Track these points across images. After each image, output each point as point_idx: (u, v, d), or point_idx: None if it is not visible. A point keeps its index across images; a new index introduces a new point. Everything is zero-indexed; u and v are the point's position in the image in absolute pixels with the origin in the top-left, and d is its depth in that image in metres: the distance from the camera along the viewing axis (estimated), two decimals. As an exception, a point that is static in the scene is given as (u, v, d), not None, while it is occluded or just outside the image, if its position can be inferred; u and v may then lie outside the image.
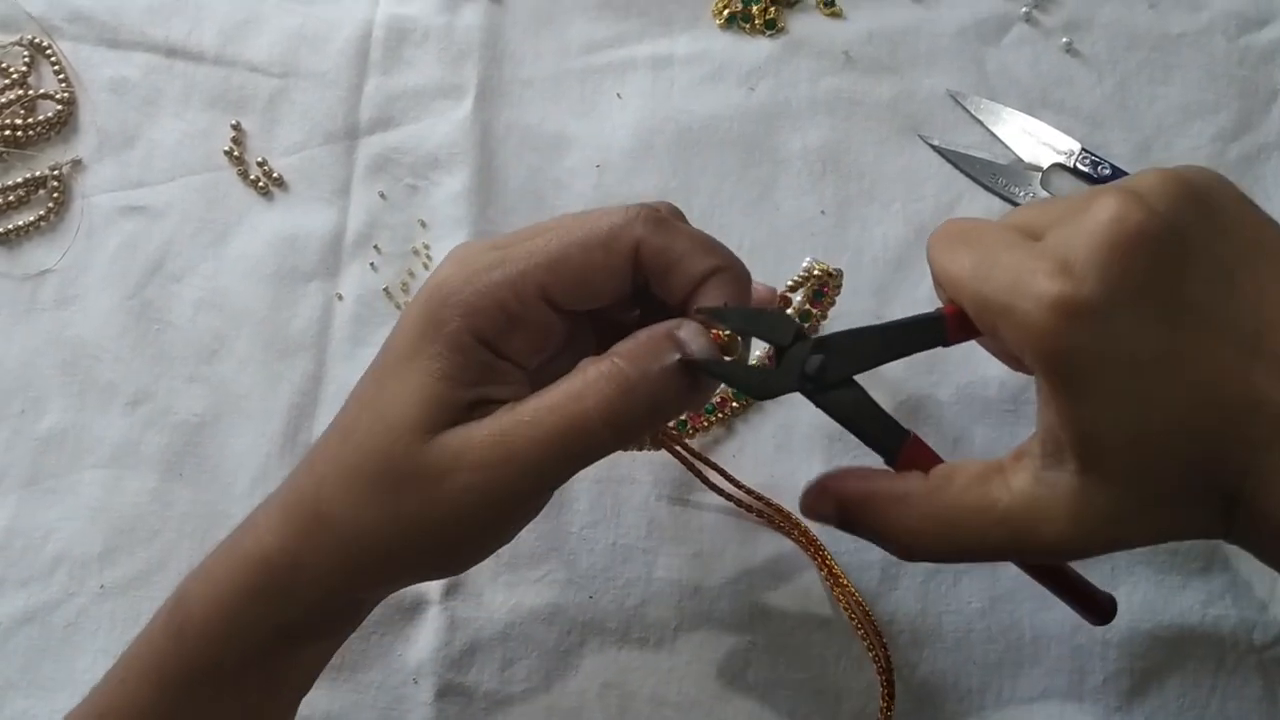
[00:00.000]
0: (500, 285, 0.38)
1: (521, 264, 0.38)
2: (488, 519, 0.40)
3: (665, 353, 0.38)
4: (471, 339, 0.38)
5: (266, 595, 0.40)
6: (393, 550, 0.40)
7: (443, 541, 0.40)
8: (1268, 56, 0.67)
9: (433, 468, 0.38)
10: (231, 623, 0.41)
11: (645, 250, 0.38)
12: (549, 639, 0.56)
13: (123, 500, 0.57)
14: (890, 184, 0.64)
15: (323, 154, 0.64)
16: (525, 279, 0.38)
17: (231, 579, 0.41)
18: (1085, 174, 0.64)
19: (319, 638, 0.43)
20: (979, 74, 0.66)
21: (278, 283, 0.61)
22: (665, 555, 0.57)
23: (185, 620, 0.41)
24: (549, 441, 0.37)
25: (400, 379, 0.39)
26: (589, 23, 0.67)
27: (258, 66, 0.65)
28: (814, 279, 0.55)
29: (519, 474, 0.38)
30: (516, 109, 0.65)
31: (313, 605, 0.41)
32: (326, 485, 0.40)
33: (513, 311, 0.38)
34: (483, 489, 0.38)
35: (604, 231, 0.38)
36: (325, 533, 0.40)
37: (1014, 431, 0.59)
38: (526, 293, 0.38)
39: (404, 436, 0.38)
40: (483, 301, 0.38)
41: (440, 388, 0.38)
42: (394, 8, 0.66)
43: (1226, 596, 0.57)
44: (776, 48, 0.66)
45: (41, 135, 0.63)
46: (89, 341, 0.60)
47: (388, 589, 0.45)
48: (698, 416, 0.58)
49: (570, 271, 0.38)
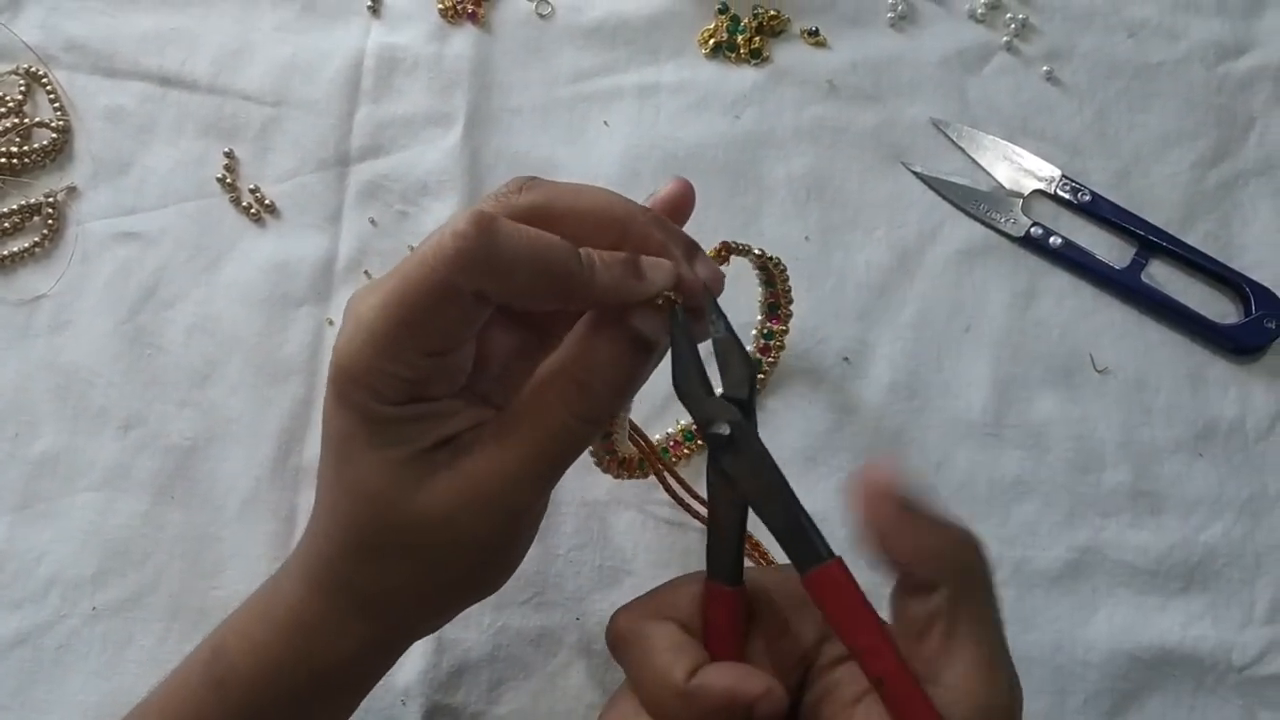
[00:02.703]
0: (380, 357, 0.37)
1: (386, 332, 0.36)
2: (501, 542, 0.41)
3: (619, 331, 0.38)
4: (390, 408, 0.38)
5: (308, 655, 0.42)
6: (423, 600, 0.42)
7: (467, 577, 0.41)
8: (1245, 85, 0.68)
9: (436, 516, 0.38)
10: (272, 678, 0.42)
11: (482, 290, 0.36)
12: (536, 661, 0.56)
13: (115, 523, 0.58)
14: (874, 211, 0.65)
15: (314, 181, 0.64)
16: (398, 347, 0.36)
17: (272, 639, 0.42)
18: (1066, 200, 0.65)
19: (356, 687, 0.45)
20: (961, 102, 0.67)
21: (269, 308, 0.62)
22: (651, 578, 0.57)
23: (227, 672, 0.42)
24: (538, 451, 0.38)
25: (353, 463, 0.39)
26: (576, 52, 0.68)
27: (251, 95, 0.66)
28: (756, 258, 0.54)
29: (519, 489, 0.39)
30: (505, 136, 0.66)
31: (349, 660, 0.42)
32: (338, 561, 0.41)
33: (406, 375, 0.37)
34: (488, 516, 0.39)
35: (428, 278, 0.35)
36: (351, 599, 0.41)
37: (996, 455, 0.60)
38: (402, 357, 0.37)
39: (391, 506, 0.38)
40: (370, 377, 0.37)
41: (390, 455, 0.38)
42: (385, 37, 0.67)
43: (1206, 617, 0.58)
44: (761, 77, 0.67)
45: (37, 163, 0.64)
46: (82, 366, 0.60)
47: (421, 632, 0.46)
48: (679, 445, 0.59)
49: (431, 331, 0.37)
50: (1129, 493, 0.60)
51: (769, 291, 0.58)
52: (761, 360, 0.60)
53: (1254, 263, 0.65)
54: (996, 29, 0.69)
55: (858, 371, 0.61)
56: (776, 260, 0.55)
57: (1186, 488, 0.60)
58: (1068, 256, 0.64)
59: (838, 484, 0.59)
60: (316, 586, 0.41)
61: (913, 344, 0.62)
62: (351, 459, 0.39)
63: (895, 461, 0.59)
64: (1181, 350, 0.63)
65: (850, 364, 0.61)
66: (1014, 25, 0.68)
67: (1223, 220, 0.66)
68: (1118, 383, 0.62)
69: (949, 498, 0.59)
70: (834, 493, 0.59)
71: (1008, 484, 0.60)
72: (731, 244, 0.52)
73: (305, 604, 0.42)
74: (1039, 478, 0.60)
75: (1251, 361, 0.63)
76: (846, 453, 0.60)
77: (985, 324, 0.63)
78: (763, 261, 0.55)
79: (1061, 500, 0.60)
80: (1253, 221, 0.66)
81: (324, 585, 0.41)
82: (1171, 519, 0.60)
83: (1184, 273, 0.65)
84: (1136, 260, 0.64)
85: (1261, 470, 0.61)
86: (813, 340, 0.62)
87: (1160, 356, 0.63)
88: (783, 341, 0.59)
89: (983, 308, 0.63)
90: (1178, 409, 0.62)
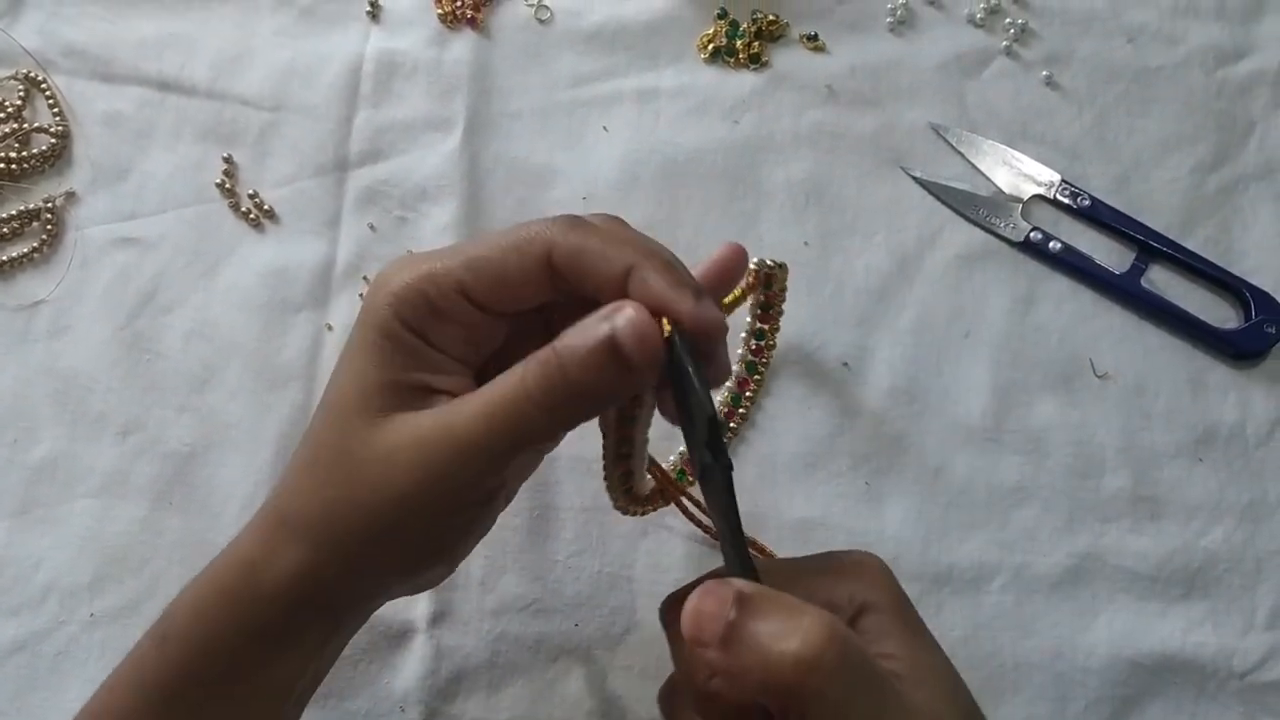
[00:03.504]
0: (423, 278, 0.39)
1: (443, 262, 0.40)
2: (434, 498, 0.40)
3: (595, 333, 0.37)
4: (400, 325, 0.39)
5: (239, 600, 0.41)
6: (340, 537, 0.40)
7: (385, 528, 0.40)
8: (1244, 89, 0.68)
9: (382, 447, 0.39)
10: (208, 629, 0.42)
11: (558, 253, 0.39)
12: (535, 666, 0.56)
13: (113, 529, 0.58)
14: (873, 216, 0.65)
15: (313, 186, 0.64)
16: (445, 275, 0.39)
17: (207, 584, 0.42)
18: (1065, 205, 0.65)
19: (291, 641, 0.43)
20: (960, 107, 0.67)
21: (268, 313, 0.62)
22: (650, 583, 0.57)
23: (169, 628, 0.42)
24: (488, 419, 0.38)
25: (342, 367, 0.41)
26: (576, 57, 0.68)
27: (249, 100, 0.66)
28: (762, 275, 0.55)
29: (458, 450, 0.39)
30: (504, 141, 0.66)
31: (277, 602, 0.41)
32: (288, 481, 0.42)
33: (436, 304, 0.39)
34: (425, 465, 0.39)
35: (519, 237, 0.39)
36: (285, 528, 0.41)
37: (996, 460, 0.60)
38: (446, 287, 0.39)
39: (352, 421, 0.40)
40: (407, 292, 0.39)
41: (376, 372, 0.40)
42: (384, 42, 0.67)
43: (1206, 624, 0.58)
44: (760, 82, 0.67)
45: (36, 168, 0.64)
46: (81, 372, 0.60)
47: (355, 590, 0.44)
48: (691, 462, 0.58)
49: (486, 272, 0.39)
50: (1129, 498, 0.60)
51: (764, 293, 0.58)
52: (755, 362, 0.60)
53: (1254, 267, 0.65)
54: (995, 34, 0.69)
55: (857, 376, 0.61)
56: (782, 264, 0.56)
57: (1187, 493, 0.60)
58: (1067, 261, 0.64)
59: (837, 490, 0.59)
60: (263, 521, 0.42)
61: (912, 349, 0.62)
62: (343, 365, 0.41)
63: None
64: (1181, 355, 0.63)
65: (850, 369, 0.61)
66: (1013, 30, 0.68)
67: (1222, 225, 0.66)
68: (1117, 388, 0.62)
69: (949, 503, 0.59)
70: (833, 498, 0.59)
71: (1007, 489, 0.60)
72: (760, 263, 0.53)
73: (250, 540, 0.42)
74: (1039, 483, 0.60)
75: (1251, 367, 0.63)
76: (846, 458, 0.60)
77: (985, 329, 0.63)
78: (771, 272, 0.55)
79: (1061, 505, 0.60)
80: (1252, 226, 0.66)
81: (267, 517, 0.42)
82: (1172, 524, 0.59)
83: (1184, 278, 0.65)
84: (1136, 265, 0.64)
85: (1261, 476, 0.61)
86: (812, 345, 0.62)
87: (1160, 361, 0.63)
88: (774, 340, 0.59)
89: (982, 313, 0.63)
90: (1178, 414, 0.62)
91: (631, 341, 0.36)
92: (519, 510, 0.58)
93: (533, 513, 0.58)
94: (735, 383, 0.60)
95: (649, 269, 0.38)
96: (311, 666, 0.44)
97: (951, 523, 0.59)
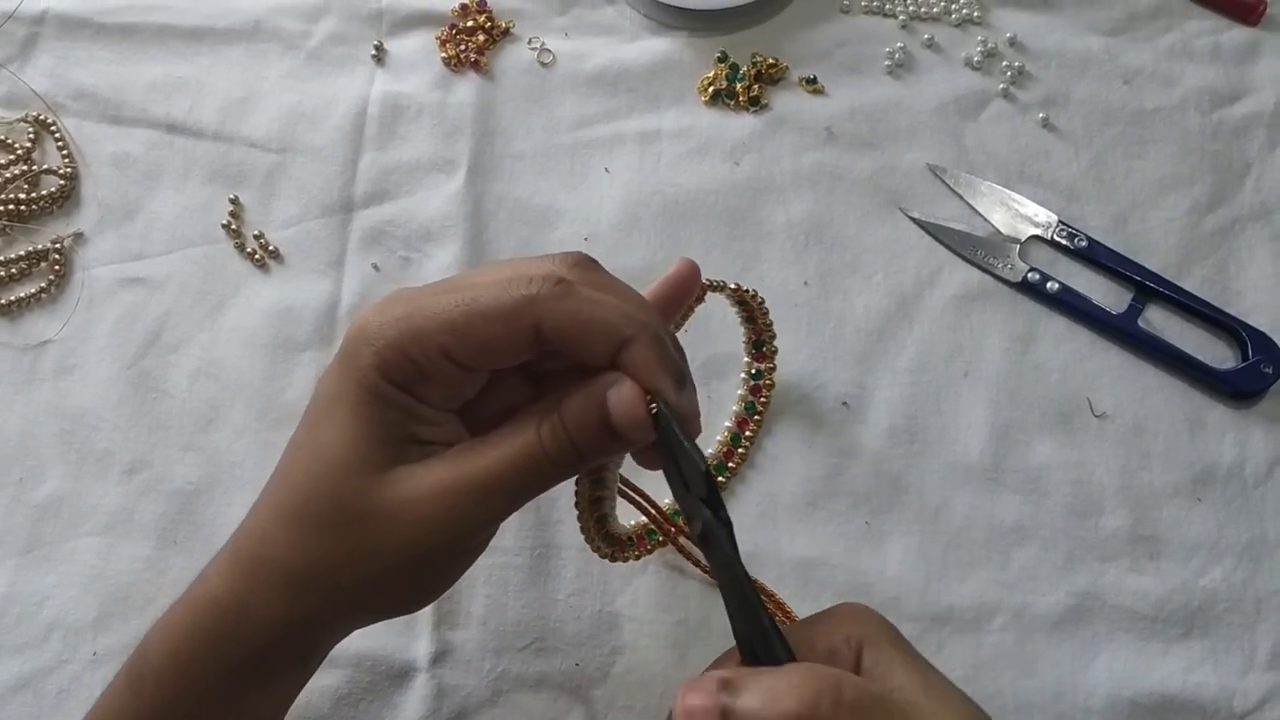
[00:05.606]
0: (406, 338, 0.39)
1: (425, 323, 0.39)
2: (444, 549, 0.41)
3: (591, 404, 0.39)
4: (388, 386, 0.40)
5: (215, 639, 0.42)
6: (342, 587, 0.41)
7: (397, 575, 0.41)
8: (1240, 131, 0.69)
9: (389, 503, 0.40)
10: (184, 668, 0.42)
11: (547, 327, 0.39)
12: (535, 706, 0.56)
13: (117, 567, 0.58)
14: (872, 256, 0.65)
15: (318, 227, 0.65)
16: (428, 338, 0.39)
17: (183, 625, 0.42)
18: (1063, 245, 0.66)
19: (269, 682, 0.44)
20: (958, 148, 0.68)
21: (273, 353, 0.62)
22: (651, 623, 0.58)
23: (144, 668, 0.43)
24: (511, 469, 0.40)
25: (330, 421, 0.41)
26: (578, 99, 0.69)
27: (256, 142, 0.67)
28: (733, 293, 0.55)
29: (482, 499, 0.40)
30: (507, 183, 0.66)
31: (261, 647, 0.42)
32: (269, 529, 0.42)
33: (419, 365, 0.39)
34: (443, 518, 0.40)
35: (506, 307, 0.39)
36: (269, 574, 0.41)
37: (995, 500, 0.60)
38: (430, 350, 0.39)
39: (349, 476, 0.40)
40: (392, 354, 0.39)
41: (369, 429, 0.40)
42: (389, 85, 0.68)
43: (1207, 663, 0.58)
44: (760, 123, 0.68)
45: (44, 209, 0.65)
46: (87, 411, 0.61)
47: (337, 630, 0.45)
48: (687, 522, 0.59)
49: (471, 340, 0.39)
50: (1128, 538, 0.60)
51: (751, 329, 0.58)
52: (754, 402, 0.60)
53: (1250, 308, 0.65)
54: (993, 76, 0.70)
55: (856, 416, 0.62)
56: (754, 293, 0.56)
57: (1185, 532, 0.60)
58: (1065, 301, 0.64)
59: (837, 529, 0.59)
60: (237, 563, 0.42)
61: (911, 388, 0.62)
62: (331, 419, 0.40)
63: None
64: (1179, 395, 0.63)
65: (849, 408, 0.62)
66: (1010, 72, 0.69)
67: (1219, 265, 0.66)
68: (1116, 427, 0.62)
69: (949, 542, 0.59)
70: (833, 537, 0.59)
71: (1007, 529, 0.60)
72: (707, 282, 0.52)
73: (222, 581, 0.42)
74: (1038, 522, 0.60)
75: (1249, 406, 0.63)
76: (846, 497, 0.60)
77: (983, 369, 0.63)
78: (740, 296, 0.55)
79: (1060, 545, 0.60)
80: (1249, 266, 0.66)
81: (244, 560, 0.42)
82: (1171, 564, 0.60)
83: (1181, 318, 0.65)
84: (1134, 305, 0.64)
85: (1261, 515, 0.61)
86: (811, 385, 0.62)
87: (1158, 401, 0.63)
88: (771, 379, 0.60)
89: (981, 352, 0.63)
90: (1176, 454, 0.62)
91: (624, 421, 0.39)
92: (520, 549, 0.58)
93: (534, 552, 0.58)
94: (735, 422, 0.60)
95: (638, 346, 0.39)
96: (286, 702, 0.45)
97: (951, 562, 0.59)
